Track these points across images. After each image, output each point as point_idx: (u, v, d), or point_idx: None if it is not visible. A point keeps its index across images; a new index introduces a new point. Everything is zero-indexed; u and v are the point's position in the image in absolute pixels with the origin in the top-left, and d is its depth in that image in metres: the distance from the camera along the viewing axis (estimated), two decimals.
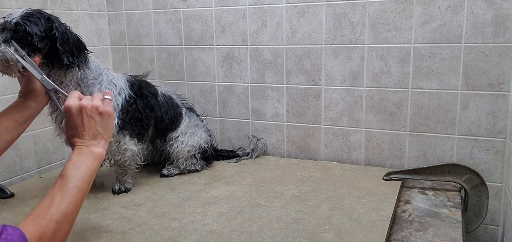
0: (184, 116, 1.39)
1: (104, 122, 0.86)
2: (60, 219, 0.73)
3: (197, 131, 1.41)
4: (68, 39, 1.09)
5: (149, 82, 1.35)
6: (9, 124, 1.03)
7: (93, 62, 1.18)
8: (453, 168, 1.25)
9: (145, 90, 1.29)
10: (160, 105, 1.32)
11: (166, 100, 1.35)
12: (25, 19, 1.02)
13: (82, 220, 1.07)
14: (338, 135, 1.49)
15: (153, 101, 1.30)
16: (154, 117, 1.30)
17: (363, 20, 1.37)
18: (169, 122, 1.35)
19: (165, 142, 1.38)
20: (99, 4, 1.73)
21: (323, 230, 0.99)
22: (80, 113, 0.84)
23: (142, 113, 1.25)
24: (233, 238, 0.96)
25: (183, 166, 1.37)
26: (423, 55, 1.32)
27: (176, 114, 1.37)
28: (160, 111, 1.32)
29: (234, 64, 1.59)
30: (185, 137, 1.37)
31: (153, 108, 1.29)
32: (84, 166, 0.81)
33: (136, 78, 1.31)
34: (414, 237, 0.98)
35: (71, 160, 0.81)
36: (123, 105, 1.20)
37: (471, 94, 1.29)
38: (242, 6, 1.53)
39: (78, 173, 0.80)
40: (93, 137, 0.85)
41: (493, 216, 1.33)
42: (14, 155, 1.40)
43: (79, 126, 0.84)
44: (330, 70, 1.45)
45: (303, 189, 1.24)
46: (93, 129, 0.85)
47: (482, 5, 1.23)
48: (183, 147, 1.36)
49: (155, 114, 1.30)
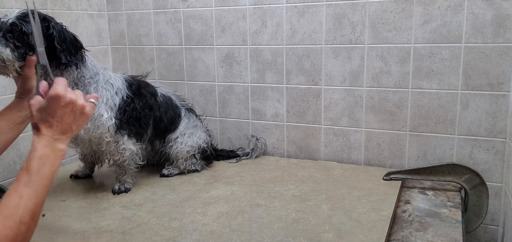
0: (183, 117, 1.40)
1: (80, 122, 0.84)
2: (29, 220, 0.70)
3: (196, 131, 1.41)
4: (65, 38, 1.09)
5: (149, 82, 1.35)
6: (6, 124, 1.02)
7: (90, 61, 1.18)
8: (453, 168, 1.25)
9: (144, 90, 1.29)
10: (159, 105, 1.32)
11: (165, 101, 1.35)
12: (20, 19, 1.02)
13: (82, 220, 1.07)
14: (338, 135, 1.49)
15: (152, 101, 1.30)
16: (153, 117, 1.30)
17: (363, 20, 1.37)
18: (168, 122, 1.35)
19: (164, 143, 1.38)
20: (99, 4, 1.73)
21: (323, 230, 0.99)
22: (66, 106, 0.81)
23: (141, 112, 1.25)
24: (233, 238, 0.96)
25: (183, 166, 1.37)
26: (423, 55, 1.32)
27: (175, 115, 1.37)
28: (159, 111, 1.32)
29: (234, 64, 1.59)
30: (184, 138, 1.37)
31: (152, 107, 1.29)
32: (50, 163, 0.77)
33: (135, 78, 1.31)
34: (414, 237, 0.98)
35: (36, 152, 0.77)
36: (120, 105, 1.20)
37: (471, 94, 1.29)
38: (242, 6, 1.52)
39: (44, 171, 0.76)
40: (63, 131, 0.81)
41: (493, 216, 1.33)
42: (14, 155, 1.40)
43: (56, 117, 0.80)
44: (330, 70, 1.45)
45: (303, 189, 1.24)
46: (67, 125, 0.82)
47: (482, 5, 1.23)
48: (182, 147, 1.36)
49: (154, 114, 1.30)
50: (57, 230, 1.02)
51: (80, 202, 1.19)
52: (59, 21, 1.53)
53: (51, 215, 1.11)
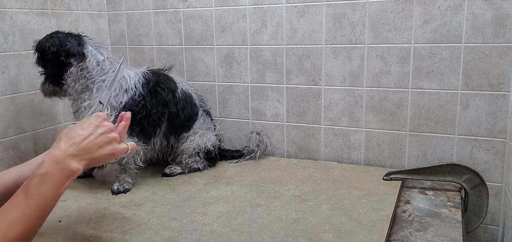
0: (200, 117, 1.40)
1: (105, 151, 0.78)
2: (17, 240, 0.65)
3: (207, 133, 1.42)
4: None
5: (171, 77, 1.36)
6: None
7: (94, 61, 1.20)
8: (453, 168, 1.25)
9: (162, 85, 1.30)
10: (177, 101, 1.33)
11: (185, 98, 1.36)
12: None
13: (82, 220, 1.07)
14: (338, 135, 1.49)
15: (169, 97, 1.31)
16: (169, 113, 1.31)
17: (363, 20, 1.37)
18: (185, 118, 1.35)
19: (178, 140, 1.39)
20: (99, 4, 1.73)
21: (323, 230, 0.99)
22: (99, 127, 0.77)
23: (151, 110, 1.26)
24: (233, 238, 0.96)
25: (185, 162, 1.38)
26: (423, 55, 1.32)
27: (192, 114, 1.38)
28: (176, 107, 1.32)
29: (234, 64, 1.59)
30: (195, 137, 1.38)
31: (167, 104, 1.30)
32: (53, 183, 0.70)
33: (156, 72, 1.32)
34: (414, 237, 0.98)
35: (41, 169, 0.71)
36: (126, 104, 1.21)
37: (471, 94, 1.29)
38: (242, 6, 1.53)
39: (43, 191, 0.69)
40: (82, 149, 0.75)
41: (493, 216, 1.33)
42: (14, 155, 1.40)
43: (85, 131, 0.76)
44: (330, 70, 1.45)
45: (303, 189, 1.24)
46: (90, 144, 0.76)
47: (482, 5, 1.23)
48: (190, 144, 1.37)
49: (169, 110, 1.31)
50: (57, 230, 1.02)
51: (80, 202, 1.19)
52: (59, 21, 1.54)
53: (51, 215, 1.10)
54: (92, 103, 1.18)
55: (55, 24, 1.51)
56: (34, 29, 1.44)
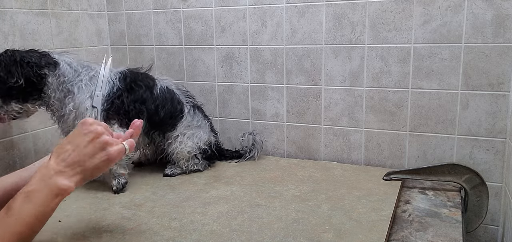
0: (186, 114, 1.37)
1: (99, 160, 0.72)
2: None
3: (198, 132, 1.39)
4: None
5: (150, 75, 1.35)
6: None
7: (67, 65, 1.20)
8: (453, 168, 1.25)
9: (139, 83, 1.30)
10: (155, 98, 1.31)
11: (164, 95, 1.34)
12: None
13: (82, 220, 1.07)
14: (338, 135, 1.49)
15: (146, 94, 1.30)
16: (147, 111, 1.30)
17: (363, 20, 1.37)
18: (166, 116, 1.33)
19: (163, 138, 1.37)
20: (99, 4, 1.73)
21: (323, 230, 0.99)
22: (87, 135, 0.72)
23: (129, 106, 1.26)
24: (233, 238, 0.96)
25: (184, 166, 1.37)
26: (423, 55, 1.32)
27: (175, 111, 1.35)
28: (154, 104, 1.31)
29: (234, 64, 1.59)
30: (184, 138, 1.36)
31: (144, 101, 1.29)
32: (39, 201, 0.65)
33: (134, 71, 1.32)
34: (414, 237, 0.98)
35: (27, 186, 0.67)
36: (109, 95, 1.22)
37: (471, 94, 1.29)
38: (242, 6, 1.53)
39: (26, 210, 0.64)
40: (71, 163, 0.70)
41: (493, 216, 1.33)
42: (14, 155, 1.40)
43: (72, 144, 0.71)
44: (330, 70, 1.45)
45: (303, 189, 1.24)
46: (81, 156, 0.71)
47: (482, 5, 1.23)
48: (182, 148, 1.35)
49: (147, 107, 1.30)
50: (57, 230, 1.02)
51: (80, 202, 1.19)
52: (59, 21, 1.54)
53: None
54: (76, 104, 1.19)
55: (55, 24, 1.51)
56: (34, 29, 1.44)
